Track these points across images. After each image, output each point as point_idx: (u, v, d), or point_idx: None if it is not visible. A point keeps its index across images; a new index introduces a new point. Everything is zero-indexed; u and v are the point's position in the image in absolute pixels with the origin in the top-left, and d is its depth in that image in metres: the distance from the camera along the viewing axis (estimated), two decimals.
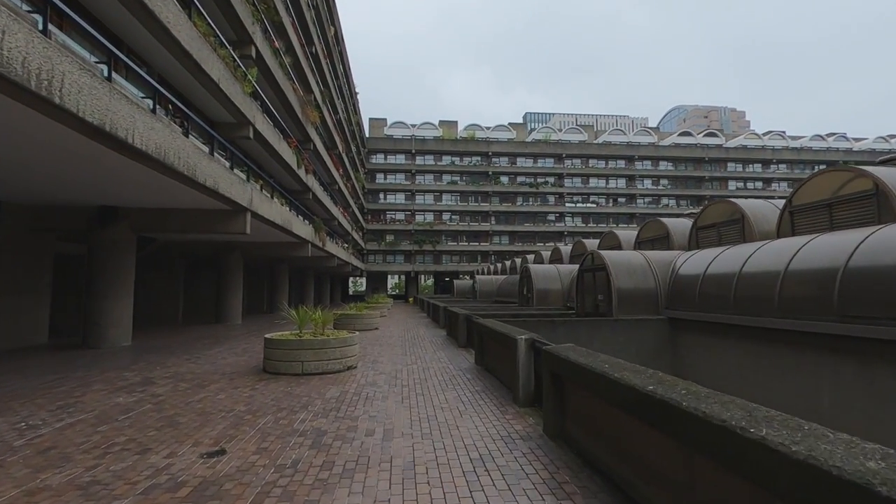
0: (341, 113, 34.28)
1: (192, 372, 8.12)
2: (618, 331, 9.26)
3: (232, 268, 20.25)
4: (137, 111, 7.26)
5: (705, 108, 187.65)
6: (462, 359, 9.76)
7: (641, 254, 10.98)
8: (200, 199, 11.46)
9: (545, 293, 16.12)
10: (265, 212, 13.98)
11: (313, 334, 8.55)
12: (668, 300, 10.13)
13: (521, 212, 61.83)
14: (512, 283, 24.68)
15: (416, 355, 10.33)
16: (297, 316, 8.53)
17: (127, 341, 12.18)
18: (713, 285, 8.78)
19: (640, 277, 10.29)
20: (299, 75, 19.77)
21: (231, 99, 11.54)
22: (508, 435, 4.68)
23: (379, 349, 11.38)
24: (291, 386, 6.97)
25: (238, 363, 9.10)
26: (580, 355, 4.25)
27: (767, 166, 66.12)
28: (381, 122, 64.70)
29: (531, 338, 5.80)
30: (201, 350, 11.17)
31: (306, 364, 7.86)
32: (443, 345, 12.29)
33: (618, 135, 68.09)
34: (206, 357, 9.96)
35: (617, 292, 10.08)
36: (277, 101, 16.93)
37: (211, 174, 10.06)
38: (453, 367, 8.67)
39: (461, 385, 7.06)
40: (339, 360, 8.15)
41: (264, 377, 7.65)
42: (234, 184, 11.46)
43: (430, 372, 8.22)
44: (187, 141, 9.05)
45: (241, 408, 5.72)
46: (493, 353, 7.65)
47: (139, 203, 12.11)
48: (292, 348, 7.85)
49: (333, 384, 7.13)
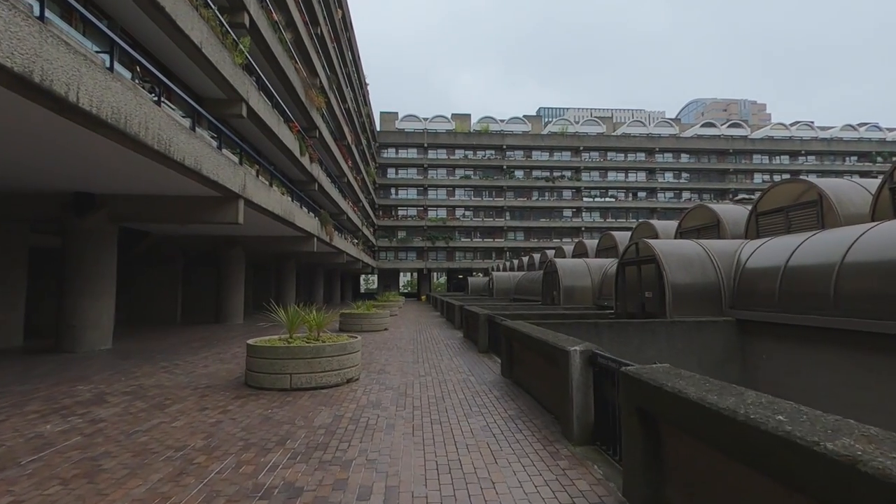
0: (350, 102, 32.90)
1: (159, 385, 6.71)
2: (675, 336, 7.61)
3: (233, 264, 18.98)
4: (84, 64, 5.84)
5: (724, 100, 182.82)
6: (484, 368, 8.22)
7: (698, 243, 9.28)
8: (186, 185, 10.10)
9: (572, 290, 14.47)
10: (262, 200, 12.58)
11: (306, 339, 7.08)
12: (733, 298, 8.43)
13: (536, 207, 59.93)
14: (531, 280, 23.03)
15: (429, 363, 8.81)
16: (286, 317, 7.06)
17: (106, 345, 10.89)
18: (800, 280, 7.07)
19: (697, 271, 8.62)
20: (302, 55, 18.36)
21: (217, 68, 10.12)
22: (572, 501, 3.12)
23: (387, 355, 9.89)
24: (273, 407, 5.50)
25: (219, 373, 7.68)
26: (693, 385, 2.67)
27: (795, 158, 63.14)
28: (393, 115, 63.30)
29: (588, 349, 4.23)
30: (186, 355, 9.81)
31: (296, 377, 6.39)
32: (460, 349, 10.76)
33: (637, 126, 65.69)
34: (186, 364, 8.57)
35: (671, 288, 8.41)
36: (277, 80, 15.53)
37: (192, 152, 8.65)
38: (475, 380, 7.13)
39: (488, 407, 5.52)
40: (337, 372, 6.66)
41: (243, 393, 6.20)
42: (223, 166, 10.06)
43: (447, 386, 6.69)
44: (158, 110, 7.64)
45: (197, 443, 4.26)
46: (528, 366, 6.09)
47: (119, 189, 10.79)
48: (278, 357, 6.39)
49: (327, 404, 5.64)
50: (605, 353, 4.07)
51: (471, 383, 6.90)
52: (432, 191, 59.64)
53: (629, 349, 7.43)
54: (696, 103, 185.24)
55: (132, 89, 6.93)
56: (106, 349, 10.73)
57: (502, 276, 28.69)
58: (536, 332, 5.65)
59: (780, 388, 6.96)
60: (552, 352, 4.71)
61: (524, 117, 64.93)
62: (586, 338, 7.46)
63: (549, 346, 4.78)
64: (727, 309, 8.48)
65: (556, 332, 5.38)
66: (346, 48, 30.74)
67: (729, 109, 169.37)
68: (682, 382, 2.79)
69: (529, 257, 30.36)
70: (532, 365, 5.89)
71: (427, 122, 62.44)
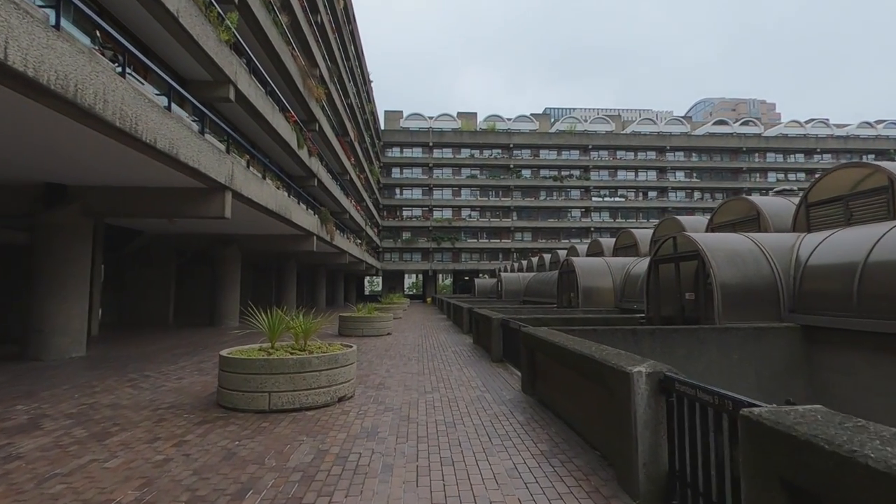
0: (353, 98, 31.88)
1: (115, 404, 5.62)
2: (728, 345, 6.42)
3: (228, 263, 17.94)
4: (16, 15, 4.78)
5: (733, 100, 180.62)
6: (500, 381, 7.07)
7: (747, 236, 8.06)
8: (167, 175, 9.07)
9: (591, 292, 13.28)
10: (253, 193, 11.51)
11: (291, 349, 5.97)
12: (794, 300, 7.20)
13: (544, 207, 58.69)
14: (542, 280, 21.84)
15: (437, 375, 7.68)
16: (267, 323, 5.95)
17: (79, 352, 9.85)
18: (887, 279, 5.86)
19: (750, 268, 7.42)
20: (300, 42, 17.32)
21: (199, 42, 9.07)
22: None
23: (388, 364, 8.77)
24: (243, 437, 4.39)
25: (192, 388, 6.59)
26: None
27: (811, 156, 61.47)
28: (397, 114, 62.34)
29: (657, 371, 3.07)
30: (163, 364, 8.74)
31: (276, 396, 5.27)
32: (471, 357, 9.62)
33: (648, 124, 64.28)
34: (158, 376, 7.49)
35: (720, 289, 7.21)
36: (272, 67, 14.49)
37: (165, 134, 7.59)
38: (492, 398, 5.98)
39: (512, 437, 4.37)
40: (326, 390, 5.54)
41: (211, 416, 5.09)
42: (205, 152, 9.00)
43: (459, 406, 5.55)
44: (122, 81, 6.58)
45: (126, 496, 3.14)
46: (559, 383, 4.94)
47: (94, 180, 9.78)
48: (255, 372, 5.27)
49: (310, 433, 4.52)
50: (679, 374, 2.91)
51: (487, 402, 5.76)
52: (438, 191, 58.54)
53: (675, 360, 6.27)
54: (704, 103, 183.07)
55: (86, 54, 5.86)
56: (78, 356, 9.69)
57: (511, 277, 27.49)
58: (572, 343, 4.49)
59: (858, 406, 5.76)
60: (601, 371, 3.56)
61: (531, 115, 63.73)
62: (623, 347, 6.29)
63: (596, 364, 3.63)
64: (786, 313, 7.25)
65: (599, 345, 4.23)
66: (348, 41, 29.73)
67: (738, 109, 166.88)
68: (877, 443, 1.63)
69: (539, 257, 29.14)
70: (565, 383, 4.73)
71: (432, 121, 61.40)
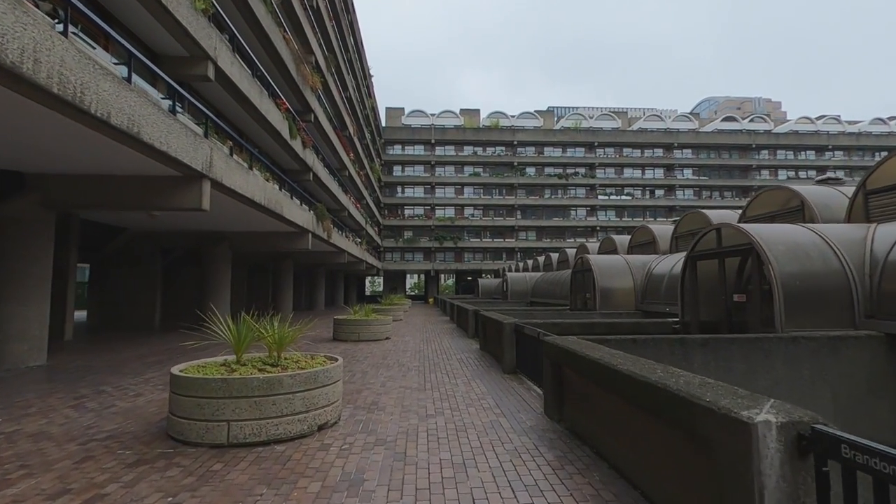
0: (352, 91, 30.76)
1: (41, 433, 4.52)
2: (797, 358, 5.25)
3: (217, 262, 16.82)
4: None
5: (738, 98, 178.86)
6: (516, 400, 5.93)
7: (808, 227, 6.87)
8: (135, 161, 7.98)
9: (610, 293, 12.10)
10: (236, 183, 10.41)
11: (263, 363, 4.84)
12: (873, 303, 6.01)
13: (549, 205, 57.45)
14: (552, 281, 20.68)
15: (441, 390, 6.54)
16: (232, 333, 4.82)
17: (39, 360, 8.77)
18: None
19: (816, 265, 6.24)
20: (294, 26, 16.22)
21: (168, 8, 7.95)
22: None
23: (385, 376, 7.64)
24: (181, 489, 3.26)
25: (146, 409, 5.47)
26: None
27: (822, 153, 60.06)
28: (399, 111, 61.23)
29: (799, 422, 1.92)
30: (127, 375, 7.64)
31: (237, 425, 4.15)
32: (478, 367, 8.49)
33: (655, 121, 62.97)
34: (113, 392, 6.38)
35: (782, 289, 6.02)
36: (260, 46, 13.38)
37: (123, 108, 6.48)
38: (509, 425, 4.84)
39: (544, 490, 3.24)
40: (302, 417, 4.41)
41: (152, 453, 3.97)
42: (176, 134, 7.88)
43: (468, 437, 4.42)
44: (63, 41, 5.48)
45: None
46: (605, 414, 3.80)
47: (55, 167, 8.69)
48: (210, 395, 4.15)
49: (273, 482, 3.40)
50: (851, 434, 1.77)
51: (503, 431, 4.61)
52: (440, 189, 57.39)
53: (732, 377, 5.13)
54: (708, 101, 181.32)
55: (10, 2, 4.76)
56: (37, 365, 8.61)
57: (517, 278, 26.32)
58: (623, 361, 3.36)
59: None
60: (688, 412, 2.41)
61: (535, 112, 62.51)
62: (668, 361, 5.14)
63: (678, 400, 2.48)
64: (862, 319, 6.08)
65: (669, 367, 3.09)
66: (347, 31, 28.62)
67: (743, 108, 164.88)
68: None
69: (546, 257, 27.96)
70: (611, 414, 3.59)
71: (434, 118, 60.26)
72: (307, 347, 11.24)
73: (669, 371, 2.97)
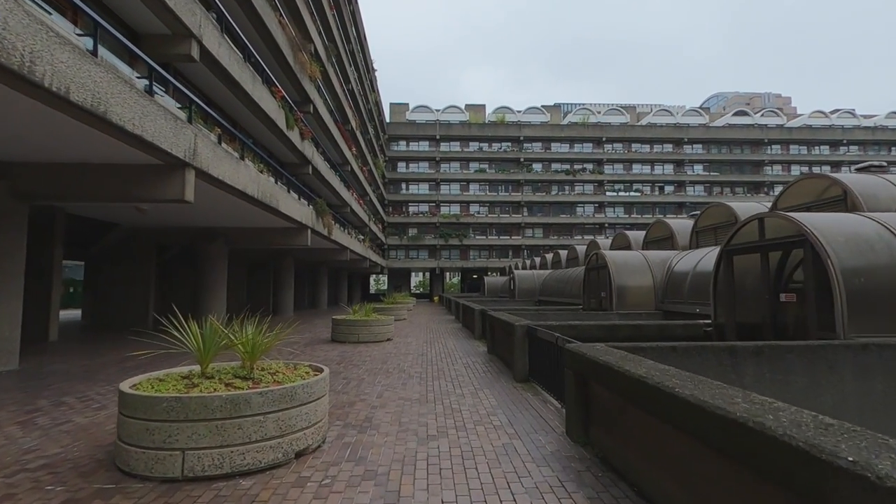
0: (354, 84, 29.98)
1: None
2: (868, 370, 4.39)
3: (212, 260, 16.14)
4: None
5: (747, 94, 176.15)
6: (532, 416, 5.12)
7: (869, 217, 6.02)
8: (111, 148, 7.27)
9: (627, 291, 11.25)
10: (225, 174, 9.67)
11: (234, 375, 4.07)
12: None
13: (556, 202, 56.44)
14: (562, 279, 19.83)
15: (445, 402, 5.76)
16: (197, 340, 4.06)
17: (9, 364, 8.10)
18: None
19: (882, 259, 5.38)
20: (290, 10, 15.46)
21: None
22: None
23: (382, 384, 6.86)
24: None
25: (100, 428, 4.73)
26: None
27: (836, 148, 58.58)
28: (403, 107, 60.41)
29: None
30: (96, 384, 6.94)
31: (194, 455, 3.38)
32: (487, 374, 7.69)
33: (664, 116, 61.70)
34: (73, 404, 5.65)
35: (844, 287, 5.17)
36: (253, 29, 12.62)
37: (84, 83, 5.74)
38: (526, 449, 4.04)
39: None
40: (276, 442, 3.63)
41: (88, 490, 3.22)
42: (152, 116, 7.14)
43: (477, 469, 3.63)
44: (11, 3, 4.73)
45: None
46: (652, 445, 3.01)
47: (25, 155, 7.99)
48: (161, 418, 3.39)
49: None
50: None
51: (520, 460, 3.82)
52: (445, 185, 56.55)
53: (791, 394, 4.31)
54: (718, 97, 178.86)
55: None
56: (6, 371, 7.93)
57: (525, 275, 25.48)
58: (683, 383, 2.55)
59: None
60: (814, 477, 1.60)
61: (542, 107, 61.48)
62: (716, 373, 4.33)
63: (797, 456, 1.67)
64: None
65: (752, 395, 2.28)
66: (348, 21, 27.83)
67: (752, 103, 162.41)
68: None
69: (555, 254, 27.08)
70: (663, 446, 2.79)
71: (439, 114, 59.40)
72: (301, 351, 10.51)
73: (754, 401, 2.16)
